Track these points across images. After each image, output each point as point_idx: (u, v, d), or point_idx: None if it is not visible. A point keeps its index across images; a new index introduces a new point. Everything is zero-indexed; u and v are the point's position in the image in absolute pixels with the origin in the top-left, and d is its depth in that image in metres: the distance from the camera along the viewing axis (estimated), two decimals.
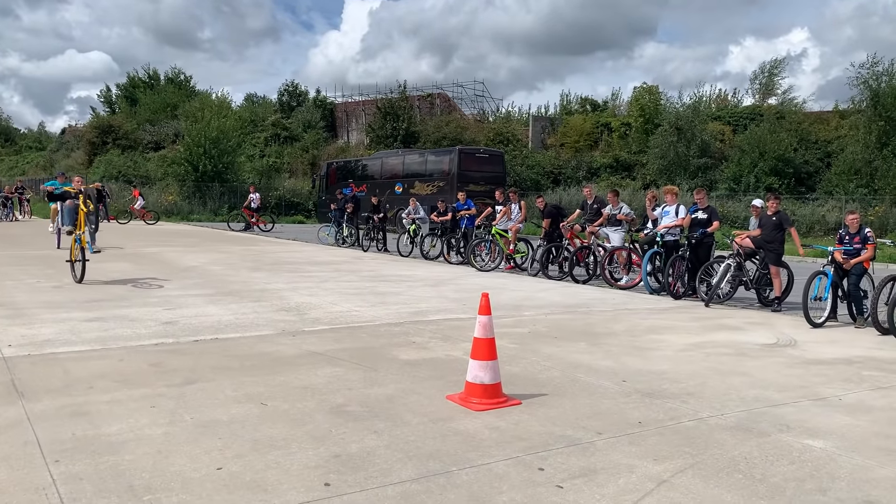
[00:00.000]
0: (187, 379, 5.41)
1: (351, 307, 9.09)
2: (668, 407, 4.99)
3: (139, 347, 6.46)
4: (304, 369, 5.81)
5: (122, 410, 4.58)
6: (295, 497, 3.35)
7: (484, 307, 5.04)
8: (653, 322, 8.63)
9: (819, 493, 3.54)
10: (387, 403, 4.89)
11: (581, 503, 3.35)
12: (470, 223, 16.03)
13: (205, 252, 17.04)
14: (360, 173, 33.15)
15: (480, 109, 48.74)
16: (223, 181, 38.80)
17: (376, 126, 45.01)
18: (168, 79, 61.08)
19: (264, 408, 4.72)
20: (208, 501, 3.27)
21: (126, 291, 9.91)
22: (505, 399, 4.94)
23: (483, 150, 30.77)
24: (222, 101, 45.98)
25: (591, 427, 4.47)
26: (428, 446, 4.05)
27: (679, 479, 3.68)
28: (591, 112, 45.68)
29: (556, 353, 6.62)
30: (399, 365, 6.06)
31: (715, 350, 7.04)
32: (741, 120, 37.83)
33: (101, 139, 48.71)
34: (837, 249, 8.95)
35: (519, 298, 10.31)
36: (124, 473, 3.57)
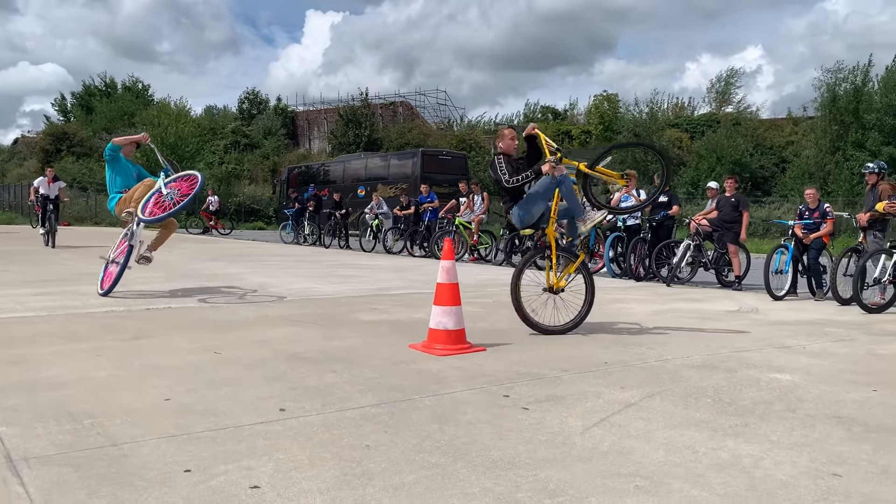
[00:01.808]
0: (137, 335, 5.16)
1: (312, 285, 8.88)
2: (633, 352, 4.91)
3: (87, 314, 6.17)
4: (261, 328, 5.60)
5: (64, 359, 4.33)
6: (248, 420, 3.16)
7: (447, 252, 4.92)
8: (617, 296, 8.60)
9: (788, 412, 3.47)
10: (346, 352, 4.71)
11: (547, 421, 3.22)
12: (433, 216, 15.91)
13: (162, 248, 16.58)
14: (322, 178, 32.80)
15: (444, 118, 48.83)
16: None
17: (339, 133, 44.75)
18: (125, 87, 59.89)
19: (218, 356, 4.51)
20: (154, 425, 3.07)
21: (74, 275, 9.55)
22: (469, 345, 4.80)
23: (446, 153, 30.73)
24: (181, 109, 45.22)
25: (556, 367, 4.36)
26: (389, 382, 3.89)
27: (647, 402, 3.58)
28: (552, 120, 46.09)
29: None
30: (360, 324, 5.89)
31: (679, 315, 7.02)
32: (698, 127, 38.51)
33: (55, 146, 47.46)
34: (797, 223, 9.04)
35: (483, 281, 10.20)
36: (64, 405, 3.35)
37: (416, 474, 2.54)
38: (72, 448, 2.76)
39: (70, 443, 2.82)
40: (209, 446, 2.80)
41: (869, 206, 8.53)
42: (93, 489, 2.37)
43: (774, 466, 2.68)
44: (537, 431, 3.06)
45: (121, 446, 2.78)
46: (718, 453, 2.82)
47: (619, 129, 37.36)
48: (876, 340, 5.78)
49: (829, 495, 2.42)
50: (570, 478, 2.53)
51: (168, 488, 2.38)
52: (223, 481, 2.45)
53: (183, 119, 40.60)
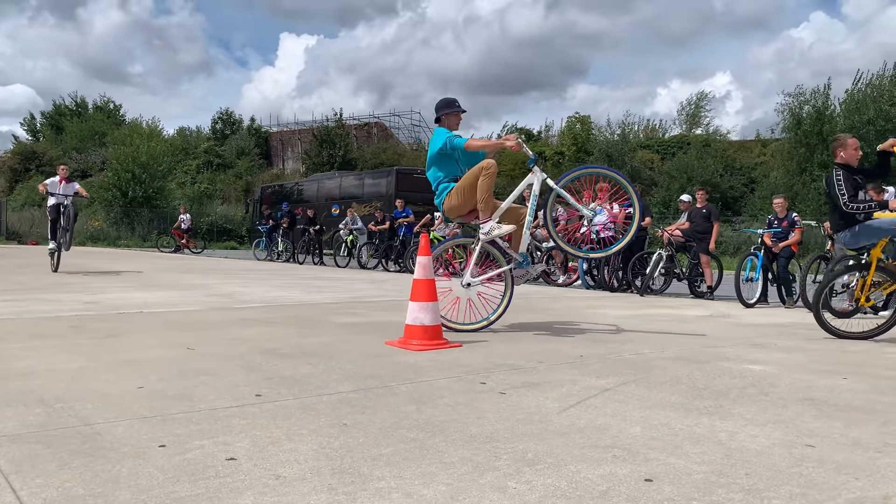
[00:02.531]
0: (109, 334, 5.09)
1: (285, 294, 8.83)
2: (608, 347, 4.94)
3: (57, 317, 6.06)
4: (234, 328, 5.55)
5: (34, 354, 4.25)
6: (223, 404, 3.12)
7: (423, 248, 4.93)
8: (591, 303, 8.66)
9: (761, 395, 3.52)
10: (322, 348, 4.69)
11: (525, 403, 3.23)
12: (408, 231, 15.92)
13: (132, 262, 16.42)
14: (296, 197, 32.68)
15: (417, 139, 49.02)
16: (152, 207, 37.70)
17: (313, 154, 44.70)
18: (97, 107, 59.37)
19: (191, 351, 4.46)
20: (127, 408, 3.02)
21: (43, 285, 9.39)
22: (445, 342, 4.80)
23: (421, 171, 30.75)
24: (153, 129, 44.94)
25: (532, 359, 4.38)
26: (365, 372, 3.88)
27: (622, 388, 3.61)
28: (526, 142, 46.51)
29: None
30: (335, 325, 5.86)
31: (652, 318, 7.09)
32: (669, 148, 39.14)
33: (23, 166, 46.89)
34: (767, 232, 9.20)
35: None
36: (34, 392, 3.28)
37: (394, 447, 2.53)
38: (42, 428, 2.70)
39: (41, 423, 2.76)
40: (184, 426, 2.76)
41: None
42: (64, 461, 2.32)
43: (750, 439, 2.71)
44: (515, 411, 3.07)
45: (93, 426, 2.74)
46: (694, 429, 2.85)
47: (591, 150, 37.81)
48: (846, 340, 5.88)
49: (803, 461, 2.45)
50: (548, 448, 2.54)
51: (142, 460, 2.35)
52: (199, 454, 2.42)
53: (155, 138, 40.31)
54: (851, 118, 29.81)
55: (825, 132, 30.77)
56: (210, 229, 37.95)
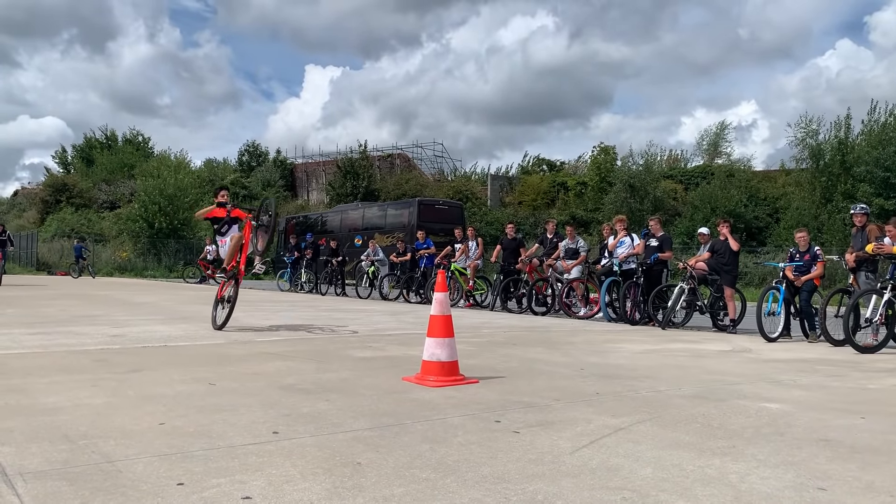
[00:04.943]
0: (132, 369, 5.20)
1: (307, 325, 8.92)
2: (625, 384, 4.95)
3: (83, 351, 6.20)
4: (255, 362, 5.64)
5: (60, 388, 4.36)
6: (241, 441, 3.19)
7: (440, 284, 4.99)
8: (610, 337, 8.64)
9: (777, 435, 3.51)
10: (340, 383, 4.75)
11: (538, 444, 3.25)
12: (429, 262, 16.00)
13: (157, 294, 16.67)
14: (320, 227, 33.01)
15: (440, 169, 49.36)
16: (179, 238, 38.27)
17: (336, 185, 45.15)
18: (126, 140, 60.70)
19: (212, 386, 4.54)
20: (148, 445, 3.10)
21: (70, 318, 9.59)
22: (462, 377, 4.84)
23: (442, 202, 31.03)
24: (180, 161, 45.79)
25: (548, 396, 4.40)
26: (381, 409, 3.93)
27: (637, 427, 3.62)
28: (548, 172, 46.64)
29: (514, 353, 6.56)
30: (353, 360, 5.93)
31: (671, 353, 7.06)
32: (692, 178, 39.00)
33: (54, 197, 47.85)
34: (788, 265, 9.14)
35: (478, 323, 10.24)
36: (59, 428, 3.38)
37: (405, 487, 2.58)
38: (66, 465, 2.79)
39: (65, 460, 2.85)
40: (202, 463, 2.83)
41: (858, 246, 8.65)
42: (86, 499, 2.40)
43: (760, 481, 2.72)
44: (527, 451, 3.10)
45: (115, 463, 2.82)
46: (705, 470, 2.86)
47: (614, 181, 37.81)
48: (867, 377, 5.82)
49: None
50: (559, 490, 2.56)
51: (161, 499, 2.41)
52: (216, 493, 2.48)
53: (182, 171, 41.05)
54: (876, 149, 29.57)
55: (848, 161, 30.55)
56: None
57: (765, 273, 28.82)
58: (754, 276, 27.79)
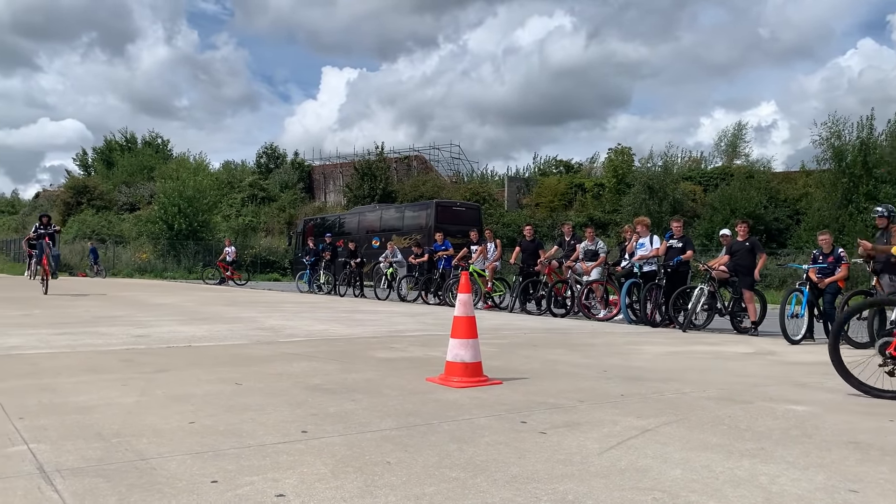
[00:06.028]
0: (159, 369, 5.26)
1: (327, 328, 8.97)
2: (649, 386, 4.94)
3: (109, 351, 6.28)
4: (280, 363, 5.69)
5: (90, 388, 4.43)
6: (271, 440, 3.23)
7: (464, 285, 5.01)
8: (631, 339, 8.61)
9: (805, 437, 3.49)
10: (364, 383, 4.78)
11: (565, 444, 3.26)
12: (447, 264, 16.02)
13: (178, 295, 16.82)
14: (338, 229, 33.14)
15: (456, 171, 49.41)
16: (198, 239, 38.57)
17: (354, 186, 45.33)
18: (146, 142, 61.34)
19: (238, 386, 4.59)
20: (180, 443, 3.14)
21: (94, 318, 9.70)
22: (486, 378, 4.85)
23: (460, 204, 31.05)
24: (199, 163, 46.17)
25: (573, 398, 4.40)
26: (407, 409, 3.95)
27: (664, 428, 3.62)
28: (565, 173, 46.54)
29: (536, 354, 6.57)
30: (376, 361, 5.96)
31: (694, 355, 7.03)
32: (711, 180, 38.75)
33: (75, 199, 48.44)
34: (812, 267, 9.07)
35: (497, 325, 10.24)
36: (92, 426, 3.43)
37: (436, 486, 2.60)
38: (102, 462, 2.83)
39: (100, 457, 2.90)
40: (234, 461, 2.87)
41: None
42: (123, 496, 2.44)
43: (791, 483, 2.71)
44: (555, 452, 3.11)
45: (149, 460, 2.86)
46: (735, 472, 2.85)
47: (632, 182, 37.65)
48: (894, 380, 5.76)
49: None
50: (589, 490, 2.57)
51: (196, 496, 2.45)
52: (249, 490, 2.51)
53: (201, 173, 41.37)
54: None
55: (871, 162, 30.23)
56: (254, 261, 38.59)
57: (785, 275, 28.60)
58: (774, 278, 27.56)
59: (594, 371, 5.60)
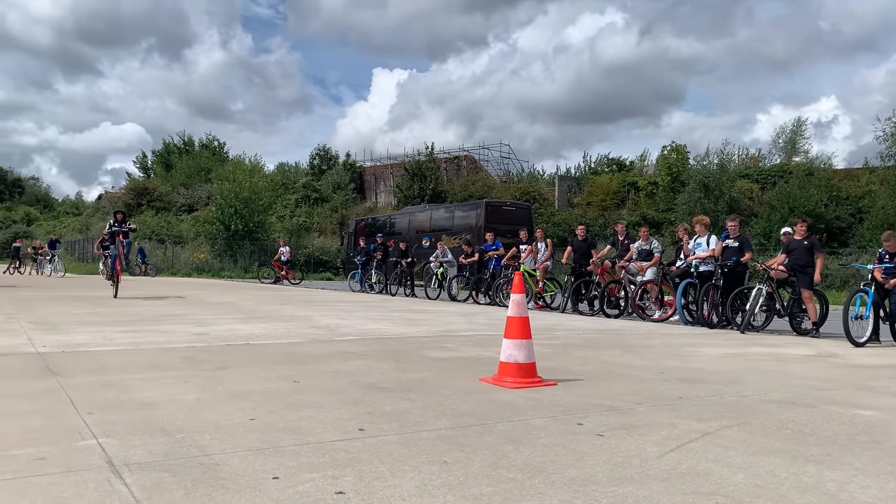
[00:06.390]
0: (219, 366, 5.39)
1: (380, 327, 9.05)
2: (708, 389, 4.84)
3: (171, 349, 6.46)
4: (336, 361, 5.76)
5: (154, 384, 4.56)
6: (329, 437, 3.27)
7: (517, 286, 5.00)
8: (688, 340, 8.46)
9: (874, 444, 3.37)
10: (419, 383, 4.81)
11: (623, 447, 3.22)
12: (498, 264, 15.98)
13: (235, 294, 17.19)
14: (388, 229, 33.38)
15: (506, 170, 49.25)
16: (254, 240, 39.35)
17: (404, 187, 45.62)
18: (202, 145, 62.89)
19: (296, 384, 4.67)
20: (241, 440, 3.21)
21: (156, 316, 9.97)
22: (540, 379, 4.83)
23: (510, 203, 30.92)
24: (254, 165, 47.12)
25: (629, 400, 4.35)
26: (462, 409, 3.96)
27: (725, 432, 3.54)
28: (617, 172, 45.95)
29: (590, 355, 6.51)
30: (430, 360, 5.99)
31: (753, 357, 6.86)
32: (769, 178, 37.77)
33: (136, 201, 50.04)
34: (878, 267, 8.77)
35: (549, 325, 10.18)
36: (157, 422, 3.53)
37: (493, 487, 2.60)
38: (167, 457, 2.92)
39: (165, 452, 2.98)
40: (294, 458, 2.92)
41: None
42: (189, 490, 2.51)
43: (861, 490, 2.63)
44: (613, 454, 3.07)
45: (212, 456, 2.93)
46: (801, 478, 2.78)
47: (687, 180, 36.94)
48: None
49: None
50: (649, 494, 2.54)
51: (258, 492, 2.50)
52: (310, 487, 2.56)
53: (256, 174, 42.20)
54: None
55: None
56: (307, 261, 39.20)
57: (847, 275, 27.68)
58: (836, 278, 26.69)
59: (651, 373, 5.51)
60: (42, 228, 65.62)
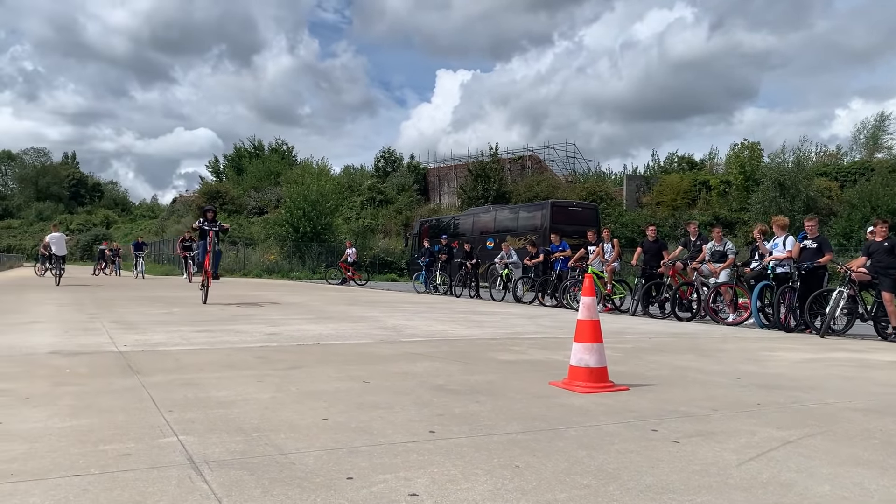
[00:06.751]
0: (292, 366, 5.50)
1: (446, 328, 9.08)
2: (788, 395, 4.67)
3: (245, 348, 6.63)
4: (403, 362, 5.81)
5: (230, 383, 4.68)
6: (401, 438, 3.30)
7: (587, 289, 4.93)
8: (765, 345, 8.18)
9: None
10: (487, 385, 4.79)
11: (700, 455, 3.14)
12: (564, 265, 15.81)
13: (304, 294, 17.53)
14: (453, 230, 33.47)
15: (572, 170, 48.72)
16: (321, 241, 40.09)
17: (468, 188, 45.68)
18: (272, 149, 64.43)
19: (366, 385, 4.72)
20: (315, 439, 3.27)
21: (230, 316, 10.25)
22: (611, 384, 4.75)
23: (576, 204, 30.56)
24: (322, 168, 48.03)
25: (705, 406, 4.23)
26: (532, 413, 3.93)
27: (807, 441, 3.41)
28: (688, 171, 44.89)
29: (663, 360, 6.36)
30: (497, 363, 5.97)
31: (835, 363, 6.59)
32: (849, 175, 36.25)
33: (209, 204, 51.62)
34: None
35: (619, 329, 10.00)
36: (234, 420, 3.63)
37: (568, 493, 2.56)
38: (244, 455, 2.99)
39: (242, 450, 3.06)
40: (367, 459, 2.95)
41: None
42: (267, 489, 2.56)
43: None
44: (690, 462, 3.00)
45: (287, 455, 2.99)
46: (892, 490, 2.65)
47: (761, 179, 35.78)
48: None
49: None
50: (729, 503, 2.46)
51: (333, 491, 2.54)
52: (383, 488, 2.58)
53: (324, 177, 42.98)
54: None
55: None
56: (373, 262, 39.71)
57: None
58: None
59: (727, 378, 5.35)
60: (120, 231, 68.54)
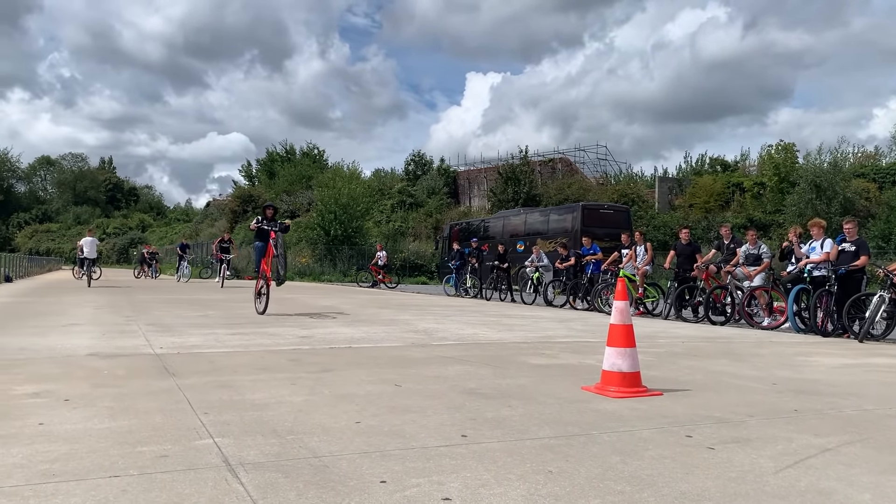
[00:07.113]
0: (324, 368, 5.54)
1: (477, 332, 9.07)
2: (825, 401, 4.58)
3: (278, 351, 6.70)
4: (435, 366, 5.81)
5: (264, 386, 4.74)
6: (433, 443, 3.30)
7: (620, 292, 4.89)
8: (801, 349, 8.04)
9: None
10: (519, 390, 4.78)
11: (736, 461, 3.09)
12: (596, 268, 15.71)
13: (335, 297, 17.65)
14: (483, 233, 33.42)
15: (603, 172, 48.37)
16: (352, 244, 40.35)
17: (498, 191, 45.58)
18: (304, 153, 65.01)
19: (398, 388, 4.74)
20: (349, 443, 3.29)
21: (263, 319, 10.36)
22: (645, 389, 4.70)
23: (608, 206, 30.31)
24: (352, 172, 48.34)
25: (740, 412, 4.17)
26: (564, 418, 3.91)
27: (846, 448, 3.34)
28: (721, 172, 44.29)
29: (697, 365, 6.29)
30: (529, 367, 5.95)
31: (874, 368, 6.45)
32: (888, 176, 35.47)
33: (241, 208, 52.24)
34: None
35: (652, 332, 9.90)
36: (268, 423, 3.67)
37: (601, 499, 2.55)
38: (279, 458, 3.02)
39: (277, 453, 3.09)
40: (400, 463, 2.96)
41: None
42: (301, 491, 2.58)
43: None
44: (726, 469, 2.96)
45: (321, 458, 3.01)
46: None
47: (797, 180, 35.16)
48: None
49: None
50: None
51: (367, 495, 2.55)
52: (416, 492, 2.58)
53: (355, 181, 43.26)
54: None
55: None
56: (403, 265, 39.84)
57: None
58: None
59: (762, 384, 5.27)
60: (155, 235, 69.68)
